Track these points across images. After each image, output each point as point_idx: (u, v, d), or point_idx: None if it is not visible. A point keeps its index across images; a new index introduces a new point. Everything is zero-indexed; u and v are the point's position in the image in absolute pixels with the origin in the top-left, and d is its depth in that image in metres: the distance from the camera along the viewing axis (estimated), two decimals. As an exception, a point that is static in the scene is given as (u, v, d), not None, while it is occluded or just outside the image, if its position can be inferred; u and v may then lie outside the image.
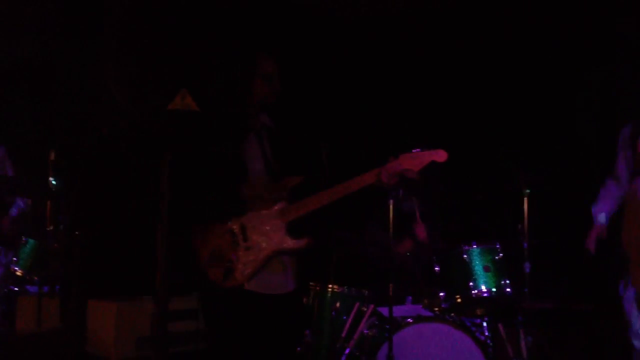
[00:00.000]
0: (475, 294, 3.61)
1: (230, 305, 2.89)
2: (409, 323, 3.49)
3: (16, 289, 4.72)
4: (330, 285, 3.72)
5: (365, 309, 3.64)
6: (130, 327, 4.44)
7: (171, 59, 2.70)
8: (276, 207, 2.94)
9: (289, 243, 2.91)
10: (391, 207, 3.30)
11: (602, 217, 3.76)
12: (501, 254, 3.69)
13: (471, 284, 3.62)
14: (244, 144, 3.04)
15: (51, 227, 4.47)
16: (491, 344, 3.60)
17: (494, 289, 3.61)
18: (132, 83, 2.65)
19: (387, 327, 3.36)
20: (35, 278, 4.54)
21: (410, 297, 3.89)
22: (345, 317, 3.66)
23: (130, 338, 4.43)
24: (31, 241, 4.61)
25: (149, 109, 2.71)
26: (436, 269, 3.72)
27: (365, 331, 3.59)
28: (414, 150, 2.93)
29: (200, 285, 2.96)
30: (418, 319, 3.53)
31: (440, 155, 2.90)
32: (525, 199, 3.76)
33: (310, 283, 3.72)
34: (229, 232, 2.91)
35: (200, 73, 2.89)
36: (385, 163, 2.91)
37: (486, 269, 3.66)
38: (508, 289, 3.64)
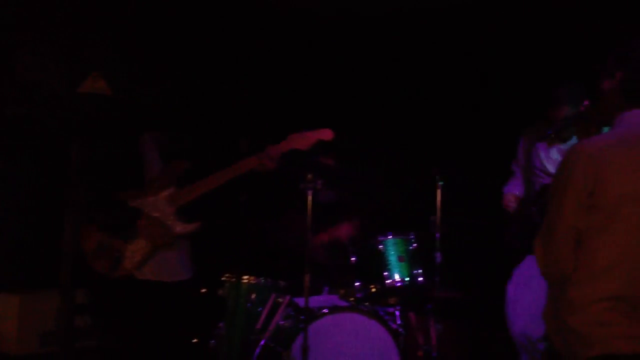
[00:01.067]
0: (389, 283, 3.68)
1: (123, 295, 2.83)
2: (324, 313, 3.50)
3: None
4: (245, 277, 3.68)
5: (281, 300, 3.62)
6: (33, 322, 4.22)
7: (85, 43, 2.61)
8: (164, 193, 2.90)
9: (179, 228, 2.89)
10: (310, 198, 3.30)
11: (510, 189, 4.07)
12: (415, 245, 3.78)
13: (386, 273, 3.69)
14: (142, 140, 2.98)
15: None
16: (403, 332, 3.67)
17: (407, 279, 3.70)
18: (41, 67, 2.55)
19: (303, 317, 3.36)
20: None
21: (327, 288, 3.91)
22: (260, 309, 3.63)
23: (34, 333, 4.21)
24: None
25: (60, 93, 2.60)
26: (352, 259, 3.76)
27: (281, 322, 3.58)
28: (301, 132, 3.02)
29: (88, 279, 2.87)
30: (333, 309, 3.55)
31: (326, 134, 3.03)
32: (438, 191, 3.85)
33: (225, 275, 3.66)
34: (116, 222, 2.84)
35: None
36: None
37: (400, 259, 3.74)
38: (420, 279, 3.74)
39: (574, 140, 3.60)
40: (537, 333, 3.67)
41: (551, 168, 3.77)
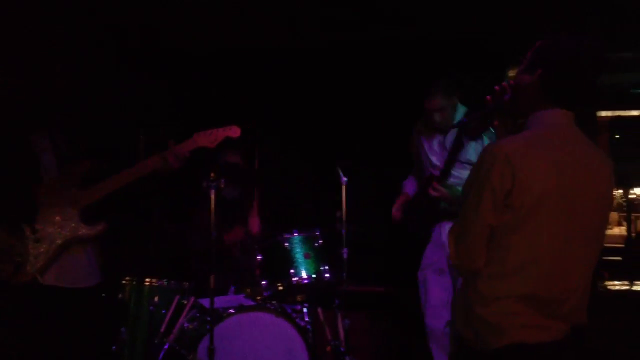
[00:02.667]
0: (296, 281, 3.66)
1: (25, 302, 2.68)
2: (230, 314, 3.44)
3: None
4: (147, 279, 3.55)
5: (185, 302, 3.53)
6: None
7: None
8: (66, 194, 2.77)
9: (83, 230, 2.77)
10: (212, 196, 3.23)
11: (408, 189, 4.16)
12: (321, 241, 3.78)
13: (292, 271, 3.66)
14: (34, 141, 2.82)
15: None
16: (311, 328, 3.67)
17: (314, 275, 3.69)
18: None
19: (208, 319, 3.29)
20: None
21: (233, 287, 3.84)
22: (164, 311, 3.52)
23: None
24: None
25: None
26: (258, 257, 3.71)
27: (186, 324, 3.49)
28: (208, 130, 2.99)
29: None
30: (240, 308, 3.50)
31: (234, 131, 3.01)
32: (344, 187, 3.87)
33: (126, 277, 3.52)
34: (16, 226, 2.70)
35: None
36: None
37: (307, 256, 3.72)
38: (327, 275, 3.74)
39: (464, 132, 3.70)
40: (444, 322, 3.77)
41: (435, 159, 3.90)
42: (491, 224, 2.01)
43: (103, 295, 3.41)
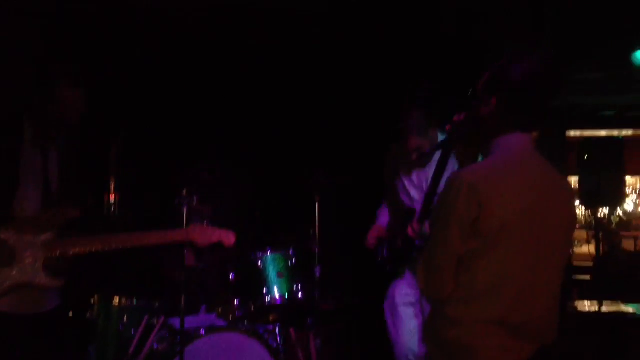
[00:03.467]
0: (268, 300, 3.62)
1: None
2: (201, 334, 3.38)
3: None
4: (116, 299, 3.48)
5: (155, 322, 3.46)
6: None
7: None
8: (42, 237, 2.65)
9: (42, 280, 2.62)
10: (185, 214, 3.18)
11: (382, 219, 3.97)
12: (294, 260, 3.75)
13: (265, 290, 3.63)
14: (25, 158, 2.72)
15: None
16: (283, 350, 3.63)
17: (286, 295, 3.66)
18: None
19: (178, 339, 3.23)
20: None
21: (204, 307, 3.78)
22: (133, 331, 3.45)
23: None
24: None
25: None
26: (231, 276, 3.67)
27: (155, 345, 3.42)
28: (206, 223, 2.99)
29: None
30: (211, 329, 3.44)
31: (229, 239, 2.96)
32: (317, 205, 3.86)
33: (95, 296, 3.45)
34: None
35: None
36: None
37: (280, 275, 3.69)
38: (300, 294, 3.71)
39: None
40: (419, 351, 3.73)
41: (414, 193, 3.74)
42: (459, 253, 2.03)
43: (69, 315, 3.32)
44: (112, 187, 3.45)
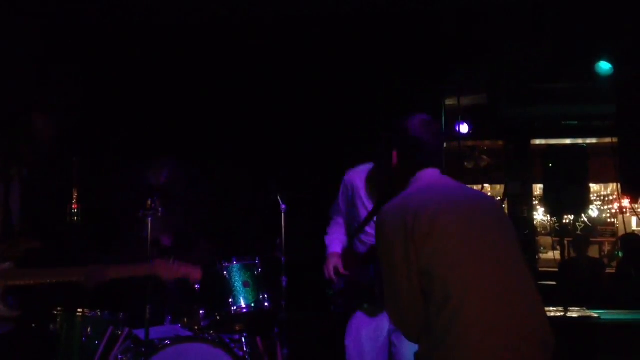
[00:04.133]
0: (234, 310, 3.62)
1: None
2: (166, 345, 3.36)
3: None
4: (79, 310, 3.45)
5: (119, 333, 3.43)
6: None
7: None
8: (1, 267, 2.63)
9: (0, 311, 2.62)
10: (149, 225, 3.17)
11: (335, 246, 3.63)
12: (260, 269, 3.75)
13: (231, 300, 3.62)
14: None
15: None
16: (250, 359, 3.62)
17: (253, 304, 3.66)
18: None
19: (143, 350, 3.21)
20: None
21: (169, 317, 3.76)
22: (97, 342, 3.41)
23: None
24: None
25: None
26: (196, 286, 3.65)
27: (120, 356, 3.39)
28: (173, 260, 3.00)
29: None
30: (176, 339, 3.42)
31: (194, 275, 3.03)
32: (283, 215, 3.86)
33: (57, 308, 3.41)
34: None
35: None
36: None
37: (246, 284, 3.69)
38: (267, 303, 3.71)
39: None
40: None
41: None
42: (417, 285, 2.06)
43: (32, 325, 3.29)
44: (74, 197, 3.42)
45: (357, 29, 4.93)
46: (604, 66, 5.47)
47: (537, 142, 7.20)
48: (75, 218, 3.47)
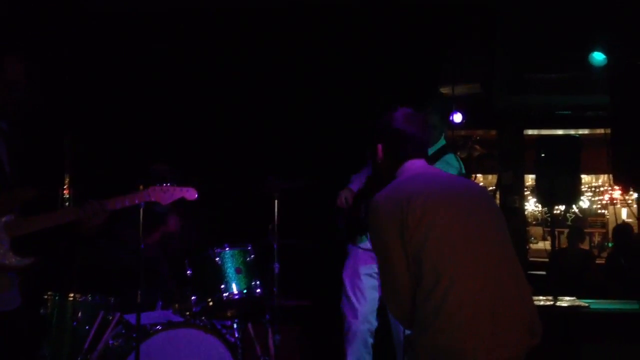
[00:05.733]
0: (226, 296, 3.61)
1: None
2: (157, 330, 3.35)
3: None
4: (70, 294, 3.43)
5: (110, 318, 3.42)
6: None
7: None
8: (3, 219, 2.63)
9: (12, 260, 2.63)
10: (141, 210, 3.15)
11: (353, 185, 4.05)
12: (253, 255, 3.74)
13: (223, 286, 3.61)
14: None
15: None
16: (241, 345, 3.62)
17: (245, 291, 3.65)
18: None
19: (134, 335, 3.20)
20: None
21: (160, 302, 3.74)
22: (88, 327, 3.40)
23: None
24: None
25: None
26: (188, 272, 3.64)
27: (111, 341, 3.37)
28: (164, 185, 2.99)
29: None
30: (168, 325, 3.41)
31: (191, 194, 3.05)
32: (276, 200, 3.85)
33: (48, 292, 3.39)
34: None
35: None
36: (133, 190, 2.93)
37: (238, 270, 3.67)
38: (259, 290, 3.70)
39: None
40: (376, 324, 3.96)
41: None
42: (412, 273, 2.08)
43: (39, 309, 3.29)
44: (66, 182, 3.39)
45: (351, 16, 4.91)
46: (598, 56, 5.48)
47: (530, 132, 7.22)
48: (67, 204, 3.43)
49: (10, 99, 2.70)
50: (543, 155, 5.04)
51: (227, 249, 3.68)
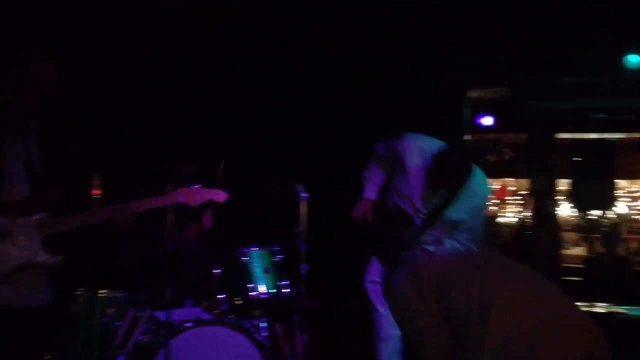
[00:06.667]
0: (254, 295, 3.64)
1: None
2: (187, 327, 3.39)
3: None
4: (101, 291, 3.50)
5: (140, 315, 3.48)
6: None
7: None
8: (35, 217, 2.70)
9: (43, 257, 2.69)
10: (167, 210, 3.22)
11: (371, 191, 3.86)
12: (280, 256, 3.77)
13: (251, 285, 3.65)
14: (4, 146, 2.75)
15: None
16: (268, 344, 3.64)
17: (272, 290, 3.68)
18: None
19: (164, 332, 3.24)
20: None
21: (189, 300, 3.80)
22: (118, 324, 3.46)
23: None
24: None
25: None
26: (217, 271, 3.69)
27: (140, 337, 3.43)
28: (193, 186, 3.02)
29: None
30: (197, 322, 3.45)
31: (220, 196, 3.07)
32: (303, 202, 3.87)
33: (79, 289, 3.47)
34: None
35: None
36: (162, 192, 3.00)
37: (266, 270, 3.71)
38: (286, 290, 3.73)
39: None
40: None
41: (405, 188, 3.58)
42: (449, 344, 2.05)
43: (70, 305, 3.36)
44: (96, 183, 3.47)
45: (379, 17, 4.92)
46: (633, 59, 5.40)
47: (563, 136, 7.11)
48: (97, 204, 3.51)
49: (39, 98, 2.76)
50: (579, 159, 4.98)
51: (255, 249, 3.72)
